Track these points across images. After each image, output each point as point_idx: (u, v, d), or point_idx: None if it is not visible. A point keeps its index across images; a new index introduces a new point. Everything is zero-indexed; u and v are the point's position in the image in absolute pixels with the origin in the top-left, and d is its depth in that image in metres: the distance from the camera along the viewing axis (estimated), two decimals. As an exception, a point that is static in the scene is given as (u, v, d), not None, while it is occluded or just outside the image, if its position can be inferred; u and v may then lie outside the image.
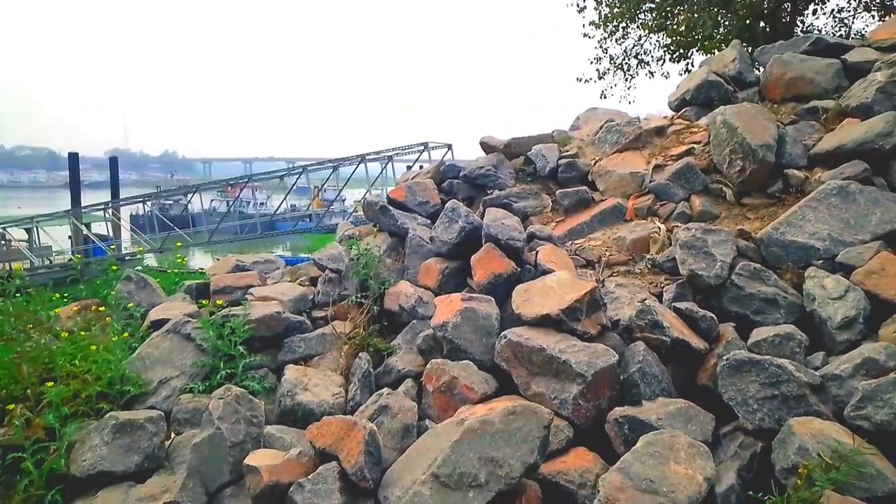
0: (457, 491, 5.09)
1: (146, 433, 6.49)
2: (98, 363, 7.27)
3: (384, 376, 7.32)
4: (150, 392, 7.38)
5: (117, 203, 48.59)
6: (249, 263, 10.54)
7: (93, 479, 6.30)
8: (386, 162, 41.87)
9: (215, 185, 55.74)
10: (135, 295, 9.51)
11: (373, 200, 9.77)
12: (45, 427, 6.63)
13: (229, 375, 7.35)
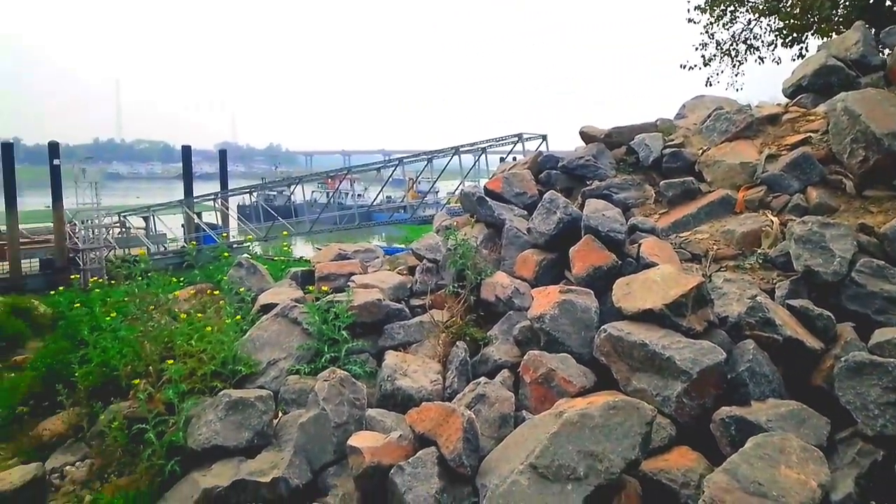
0: (555, 483, 5.07)
1: (256, 411, 6.86)
2: (213, 344, 7.73)
3: (480, 365, 7.37)
4: (259, 372, 7.79)
5: (226, 194, 51.33)
6: (351, 252, 10.87)
7: (207, 452, 6.72)
8: (479, 153, 42.00)
9: (316, 177, 57.72)
10: (245, 280, 10.05)
11: (470, 191, 9.82)
12: (165, 402, 7.14)
13: (333, 359, 7.63)
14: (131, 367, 7.91)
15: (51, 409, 8.78)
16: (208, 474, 6.46)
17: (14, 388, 9.60)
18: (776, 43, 21.45)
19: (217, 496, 6.22)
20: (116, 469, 7.08)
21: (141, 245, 46.41)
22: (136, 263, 8.66)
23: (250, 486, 6.12)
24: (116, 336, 8.41)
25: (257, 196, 52.95)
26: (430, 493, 5.39)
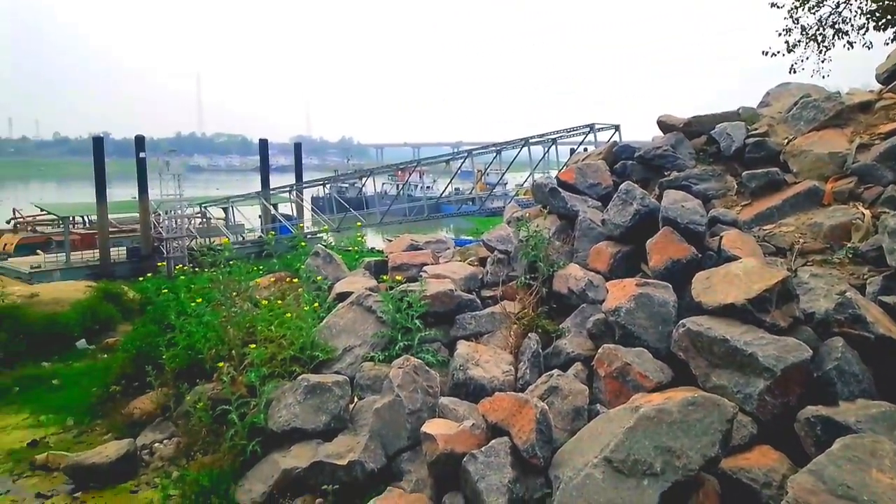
0: (630, 477, 5.00)
1: (333, 396, 7.07)
2: (292, 329, 8.00)
3: (553, 358, 7.32)
4: (336, 358, 8.01)
5: (301, 186, 52.62)
6: (423, 243, 11.00)
7: (287, 434, 6.97)
8: (549, 144, 41.46)
9: (386, 170, 58.38)
10: (322, 269, 10.33)
11: (542, 182, 9.74)
12: (247, 385, 7.45)
13: (406, 347, 7.76)
14: (215, 350, 8.28)
15: (140, 388, 9.32)
16: (288, 455, 6.72)
17: (108, 369, 10.22)
18: (867, 26, 20.22)
19: (296, 477, 6.46)
20: (201, 447, 7.44)
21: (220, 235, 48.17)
22: (220, 252, 9.02)
23: (328, 468, 6.32)
24: (201, 321, 8.81)
25: (330, 188, 53.96)
26: (503, 482, 5.43)
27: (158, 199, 47.71)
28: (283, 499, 6.40)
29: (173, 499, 6.98)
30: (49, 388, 10.86)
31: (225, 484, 6.70)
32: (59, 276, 35.89)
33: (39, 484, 7.73)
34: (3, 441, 8.94)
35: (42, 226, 52.21)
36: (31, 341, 12.47)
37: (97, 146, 48.53)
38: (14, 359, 11.96)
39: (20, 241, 48.16)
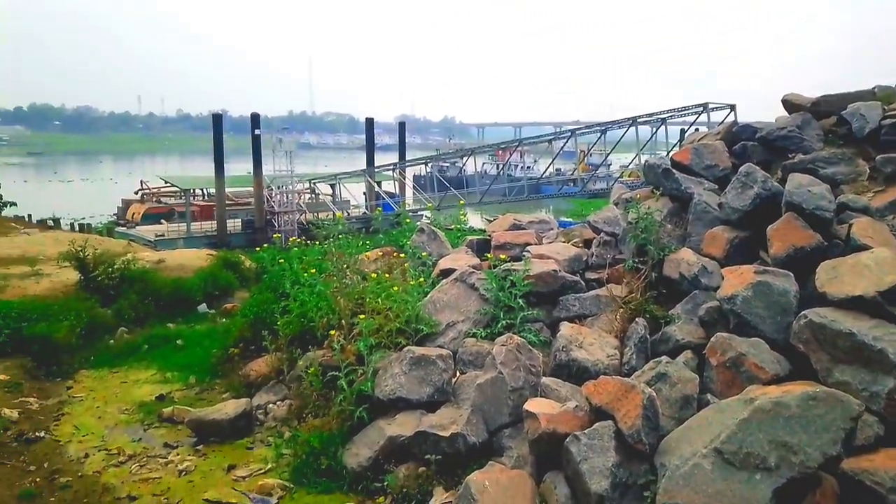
0: (741, 470, 4.84)
1: (437, 369, 7.24)
2: (398, 303, 8.23)
3: (660, 344, 7.14)
4: (439, 332, 8.17)
5: (404, 164, 53.65)
6: (525, 223, 10.95)
7: (392, 402, 7.22)
8: (658, 125, 39.98)
9: (487, 149, 58.49)
10: (427, 245, 10.52)
11: (655, 163, 9.43)
12: (356, 353, 7.74)
13: (508, 325, 7.81)
14: (326, 319, 8.65)
15: (257, 352, 9.89)
16: (393, 423, 6.96)
17: (227, 332, 10.90)
18: None
19: (400, 444, 6.69)
20: (312, 410, 7.83)
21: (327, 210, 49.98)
22: (334, 225, 9.38)
23: (431, 438, 6.49)
24: (313, 291, 9.21)
25: (431, 167, 54.70)
26: (607, 465, 5.38)
27: (271, 174, 50.18)
28: (387, 464, 6.64)
29: (285, 457, 7.41)
30: (174, 347, 11.74)
31: (333, 446, 7.03)
32: (182, 244, 38.51)
33: (166, 435, 8.41)
34: (135, 394, 9.78)
35: (166, 197, 56.15)
36: (158, 303, 13.50)
37: (216, 123, 51.52)
38: (144, 319, 13.01)
39: (146, 211, 52.10)
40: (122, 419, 8.92)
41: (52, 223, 30.98)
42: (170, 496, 6.81)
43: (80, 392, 9.92)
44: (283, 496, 6.66)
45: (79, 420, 8.89)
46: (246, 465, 7.39)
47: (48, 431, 8.51)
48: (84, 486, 7.08)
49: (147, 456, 7.75)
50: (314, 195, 53.89)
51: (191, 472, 7.31)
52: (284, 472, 7.12)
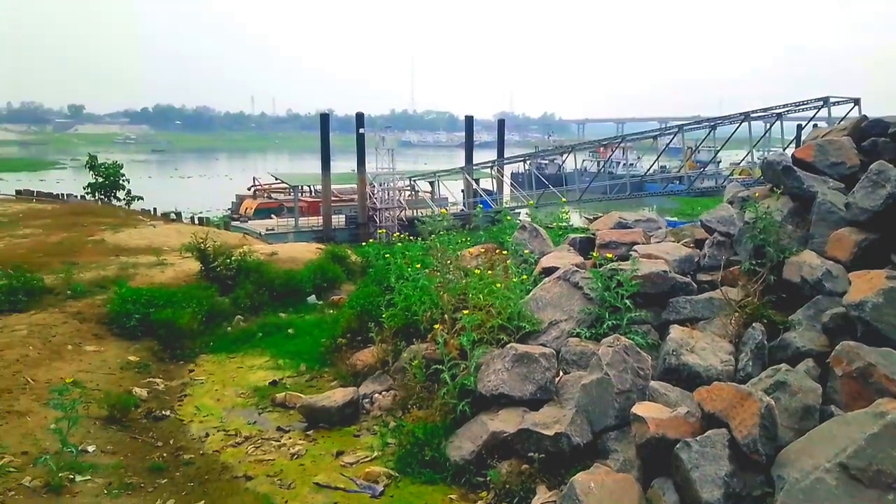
0: (870, 488, 4.54)
1: (540, 367, 7.21)
2: (501, 299, 8.24)
3: (778, 351, 6.78)
4: (541, 331, 8.12)
5: (502, 161, 53.63)
6: (632, 221, 10.68)
7: (495, 398, 7.25)
8: (773, 120, 37.79)
9: (588, 146, 57.25)
10: (528, 243, 10.48)
11: (774, 160, 8.93)
12: (458, 348, 7.83)
13: (614, 326, 7.65)
14: (430, 313, 8.81)
15: (363, 343, 10.21)
16: (496, 419, 7.00)
17: (335, 323, 11.31)
18: None
19: (503, 440, 6.72)
20: (416, 402, 8.00)
21: (426, 207, 50.77)
22: (439, 221, 9.53)
23: (534, 436, 6.48)
24: (417, 285, 9.40)
25: (530, 164, 54.32)
26: (719, 474, 5.19)
27: (374, 171, 51.55)
28: (490, 459, 6.70)
29: (391, 446, 7.62)
30: (285, 335, 12.31)
31: (437, 438, 7.16)
32: (292, 237, 40.30)
33: (279, 419, 8.86)
34: (250, 378, 10.35)
35: (276, 193, 58.84)
36: (271, 294, 14.20)
37: (323, 122, 53.50)
38: (258, 308, 13.73)
39: (258, 206, 54.78)
40: (238, 402, 9.48)
41: (175, 216, 33.23)
42: (283, 478, 7.17)
43: (200, 375, 10.61)
44: (388, 484, 6.86)
45: (200, 401, 9.51)
46: (353, 452, 7.67)
47: (173, 410, 9.16)
48: (205, 464, 7.57)
49: (262, 438, 8.20)
50: (414, 192, 54.87)
51: (302, 456, 7.67)
52: (390, 460, 7.33)
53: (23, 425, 7.94)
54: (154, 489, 6.97)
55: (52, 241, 19.06)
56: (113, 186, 32.98)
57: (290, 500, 6.71)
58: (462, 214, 42.46)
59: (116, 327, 11.40)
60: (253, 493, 6.80)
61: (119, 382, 9.73)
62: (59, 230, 21.24)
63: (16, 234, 20.50)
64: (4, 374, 9.06)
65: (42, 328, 10.80)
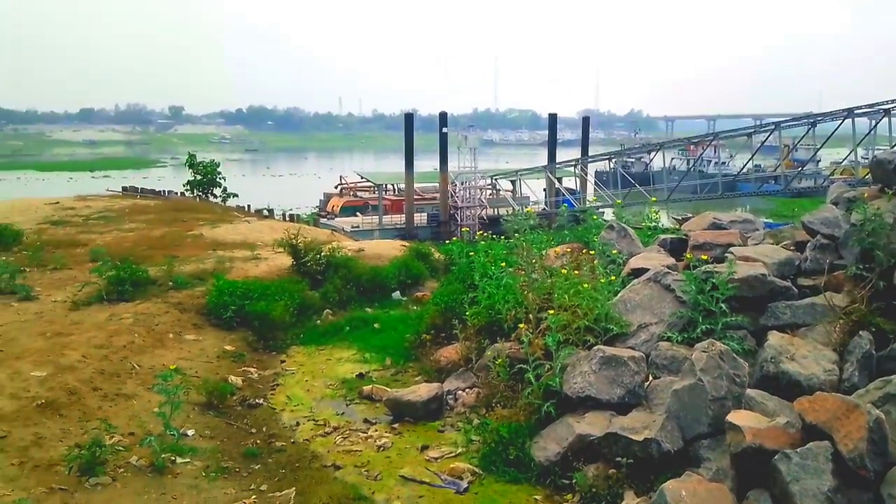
0: None
1: (629, 370, 7.06)
2: (587, 300, 8.13)
3: (888, 361, 6.36)
4: (629, 333, 7.95)
5: (586, 160, 52.76)
6: (727, 222, 10.28)
7: (581, 401, 7.16)
8: (879, 116, 35.44)
9: (677, 144, 55.52)
10: (616, 243, 10.28)
11: (886, 158, 8.41)
12: (543, 348, 7.78)
13: (708, 331, 7.38)
14: (514, 312, 8.79)
15: (447, 339, 10.31)
16: (582, 421, 6.91)
17: (419, 319, 11.47)
18: None
19: (590, 443, 6.63)
20: (500, 400, 7.99)
21: (508, 206, 50.67)
22: (525, 220, 9.51)
23: (622, 440, 6.35)
24: (501, 284, 9.40)
25: (615, 162, 53.20)
26: (821, 489, 4.94)
27: (456, 170, 51.88)
28: (576, 461, 6.61)
29: (475, 444, 7.66)
30: (371, 330, 12.58)
31: (521, 438, 7.14)
32: (378, 234, 41.16)
33: (366, 411, 9.07)
34: (339, 371, 10.65)
35: (361, 191, 60.26)
36: (358, 289, 14.55)
37: (407, 122, 54.32)
38: (346, 302, 14.09)
39: (344, 204, 56.29)
40: (327, 393, 9.77)
41: (267, 213, 34.54)
42: (370, 468, 7.35)
43: (291, 366, 11.01)
44: (472, 481, 6.90)
45: (291, 391, 9.87)
46: (438, 447, 7.76)
47: (265, 399, 9.55)
48: (296, 452, 7.86)
49: (349, 429, 8.43)
50: (495, 191, 54.86)
51: (388, 449, 7.83)
52: (474, 457, 7.37)
53: (129, 408, 8.49)
54: (248, 474, 7.30)
55: (155, 236, 20.22)
56: (210, 184, 34.61)
57: (377, 492, 6.86)
58: (544, 213, 42.06)
59: (214, 318, 11.96)
60: (341, 483, 7.00)
61: (216, 370, 10.23)
62: (161, 225, 22.51)
63: (122, 228, 21.89)
64: (113, 359, 9.68)
65: (146, 317, 11.49)
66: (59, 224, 22.62)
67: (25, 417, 7.65)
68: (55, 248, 17.52)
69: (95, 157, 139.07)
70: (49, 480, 6.59)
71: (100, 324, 10.91)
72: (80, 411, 8.09)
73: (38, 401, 8.00)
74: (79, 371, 9.00)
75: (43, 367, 8.94)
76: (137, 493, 6.63)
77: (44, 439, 7.33)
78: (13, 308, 11.88)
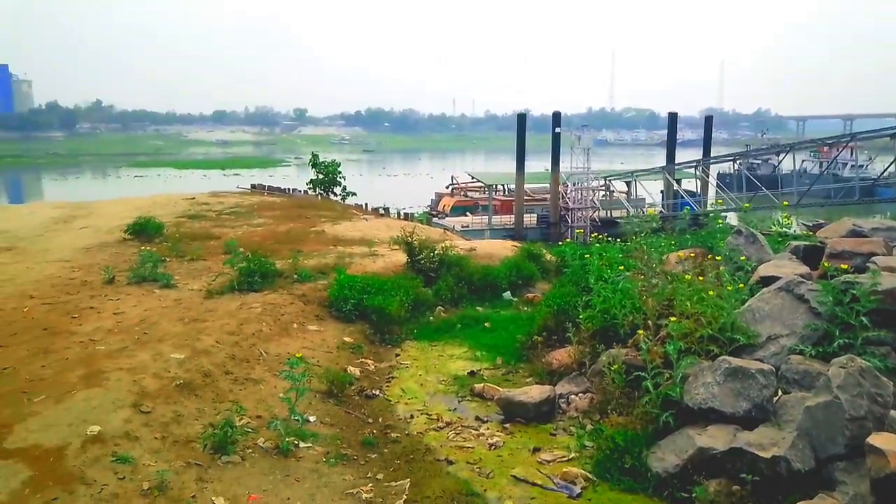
0: None
1: (756, 384, 6.70)
2: (711, 308, 7.79)
3: None
4: (757, 345, 7.54)
5: (708, 161, 50.30)
6: (868, 229, 9.52)
7: (703, 412, 6.87)
8: None
9: (809, 145, 51.74)
10: (744, 249, 9.78)
11: None
12: (662, 356, 7.53)
13: (845, 346, 6.89)
14: (631, 317, 8.58)
15: (559, 342, 10.23)
16: (703, 434, 6.64)
17: (531, 320, 11.45)
18: None
19: (711, 457, 6.36)
20: (615, 407, 7.83)
21: (622, 208, 49.37)
22: (647, 222, 9.26)
23: (748, 456, 6.06)
24: (617, 288, 9.19)
25: (740, 164, 50.40)
26: (981, 526, 4.48)
27: (568, 171, 51.06)
28: (696, 475, 6.36)
29: (588, 449, 7.55)
30: (482, 329, 12.70)
31: (637, 447, 6.96)
32: (489, 234, 41.38)
33: (477, 408, 9.16)
34: (450, 367, 10.83)
35: (471, 191, 60.69)
36: (469, 287, 14.75)
37: (520, 122, 54.13)
38: (457, 300, 14.31)
39: (455, 204, 56.87)
40: (439, 388, 9.96)
41: (383, 211, 35.64)
42: (481, 466, 7.42)
43: (405, 360, 11.31)
44: (586, 486, 6.81)
45: (405, 384, 10.15)
46: (550, 450, 7.71)
47: (381, 391, 9.87)
48: (410, 444, 8.07)
49: (461, 425, 8.55)
50: (608, 192, 53.51)
51: (499, 447, 7.88)
52: (587, 463, 7.27)
53: (257, 392, 9.03)
54: (365, 462, 7.58)
55: (281, 231, 21.38)
56: (331, 183, 36.19)
57: (489, 489, 6.93)
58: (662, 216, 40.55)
59: (335, 310, 12.50)
60: (454, 478, 7.11)
61: (336, 360, 10.69)
62: (286, 221, 23.78)
63: (251, 223, 23.31)
64: (243, 345, 10.34)
65: (273, 307, 12.17)
66: (195, 218, 24.41)
67: (166, 396, 8.30)
68: (192, 241, 18.94)
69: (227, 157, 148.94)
70: (186, 455, 7.12)
71: (231, 312, 11.68)
72: (213, 393, 8.68)
73: (177, 381, 8.66)
74: (213, 355, 9.67)
75: (181, 350, 9.67)
76: (264, 473, 7.05)
77: (182, 417, 7.92)
78: (155, 295, 12.96)
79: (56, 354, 9.28)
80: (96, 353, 9.31)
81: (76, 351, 9.44)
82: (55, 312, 11.51)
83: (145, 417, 7.68)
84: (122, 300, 12.42)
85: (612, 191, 54.35)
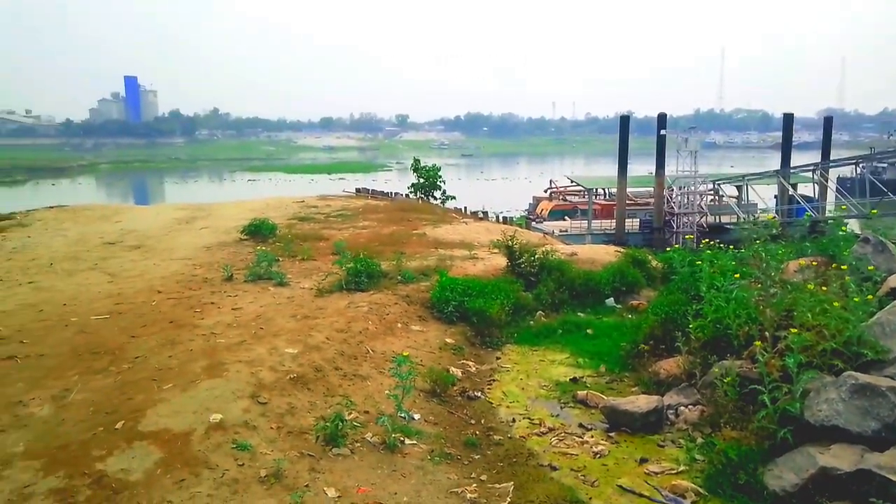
0: None
1: (887, 402, 6.26)
2: (835, 320, 7.33)
3: None
4: (887, 361, 7.03)
5: (827, 164, 47.14)
6: None
7: (826, 430, 6.49)
8: None
9: (945, 147, 47.50)
10: (871, 258, 9.14)
11: None
12: (780, 369, 7.16)
13: None
14: (747, 328, 8.20)
15: (666, 351, 9.92)
16: (826, 453, 6.27)
17: (636, 327, 11.16)
18: None
19: (836, 478, 5.99)
20: (728, 421, 7.52)
21: (731, 213, 47.17)
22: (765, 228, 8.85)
23: (877, 479, 5.67)
24: (730, 297, 8.81)
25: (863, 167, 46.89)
26: None
27: (673, 174, 49.29)
28: (818, 496, 6.02)
29: (699, 463, 7.29)
30: (584, 335, 12.51)
31: (752, 463, 6.66)
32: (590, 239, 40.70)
33: (580, 416, 9.04)
34: (552, 372, 10.76)
35: (571, 195, 59.83)
36: (571, 293, 14.57)
37: (623, 125, 52.81)
38: (558, 305, 14.17)
39: (553, 208, 56.29)
40: (541, 393, 9.92)
41: (482, 215, 35.86)
42: (586, 474, 7.33)
43: (506, 363, 11.34)
44: (696, 501, 6.59)
45: (506, 387, 10.18)
46: (657, 462, 7.51)
47: (483, 393, 9.95)
48: (512, 447, 8.09)
49: (564, 432, 8.48)
50: (717, 197, 51.22)
51: (604, 456, 7.75)
52: (697, 477, 7.02)
53: (365, 388, 9.33)
54: (468, 463, 7.67)
55: (385, 233, 21.99)
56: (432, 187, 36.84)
57: (594, 498, 6.83)
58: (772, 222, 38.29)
59: (436, 311, 12.74)
60: (558, 484, 7.07)
61: (438, 361, 10.87)
62: (390, 224, 24.43)
63: (357, 226, 24.12)
64: (351, 342, 10.72)
65: (379, 306, 12.55)
66: (305, 220, 25.55)
67: (281, 388, 8.74)
68: (302, 241, 19.86)
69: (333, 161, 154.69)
70: (300, 446, 7.46)
71: (340, 310, 12.14)
72: (324, 387, 9.06)
73: (290, 374, 9.09)
74: (323, 351, 10.10)
75: (294, 345, 10.15)
76: (372, 467, 7.28)
77: (295, 409, 8.31)
78: (270, 292, 13.67)
79: (181, 346, 9.98)
80: (217, 346, 9.95)
81: (199, 343, 10.12)
82: (180, 307, 12.40)
83: (262, 408, 8.11)
84: (239, 296, 13.21)
85: (722, 195, 52.00)
